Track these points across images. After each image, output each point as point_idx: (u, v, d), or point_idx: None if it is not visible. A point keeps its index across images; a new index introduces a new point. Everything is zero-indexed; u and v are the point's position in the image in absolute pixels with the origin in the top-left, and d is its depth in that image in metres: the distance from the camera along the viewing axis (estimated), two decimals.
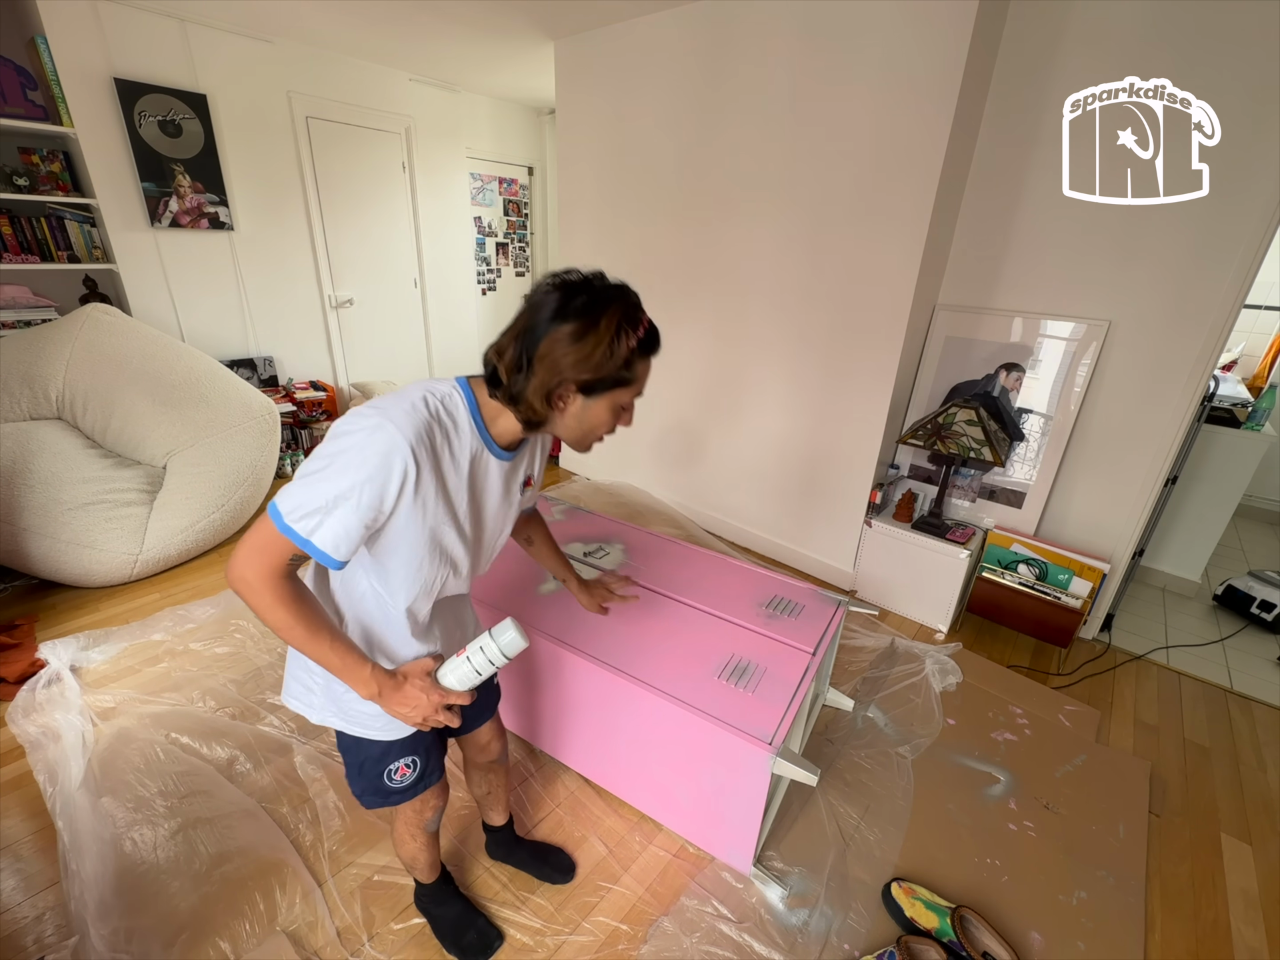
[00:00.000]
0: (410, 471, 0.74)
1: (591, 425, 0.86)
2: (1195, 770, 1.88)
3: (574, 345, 0.76)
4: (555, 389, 0.79)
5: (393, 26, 3.09)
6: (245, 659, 2.14)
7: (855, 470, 2.63)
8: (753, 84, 2.46)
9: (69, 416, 2.65)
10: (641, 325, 0.80)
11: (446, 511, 0.83)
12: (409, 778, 1.03)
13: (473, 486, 0.86)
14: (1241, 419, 2.73)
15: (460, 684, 0.88)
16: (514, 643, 0.87)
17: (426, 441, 0.76)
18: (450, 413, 0.81)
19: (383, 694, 0.84)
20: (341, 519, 0.72)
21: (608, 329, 0.77)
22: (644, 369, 0.84)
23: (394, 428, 0.72)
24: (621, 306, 0.78)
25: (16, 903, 1.34)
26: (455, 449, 0.82)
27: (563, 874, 1.45)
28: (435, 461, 0.78)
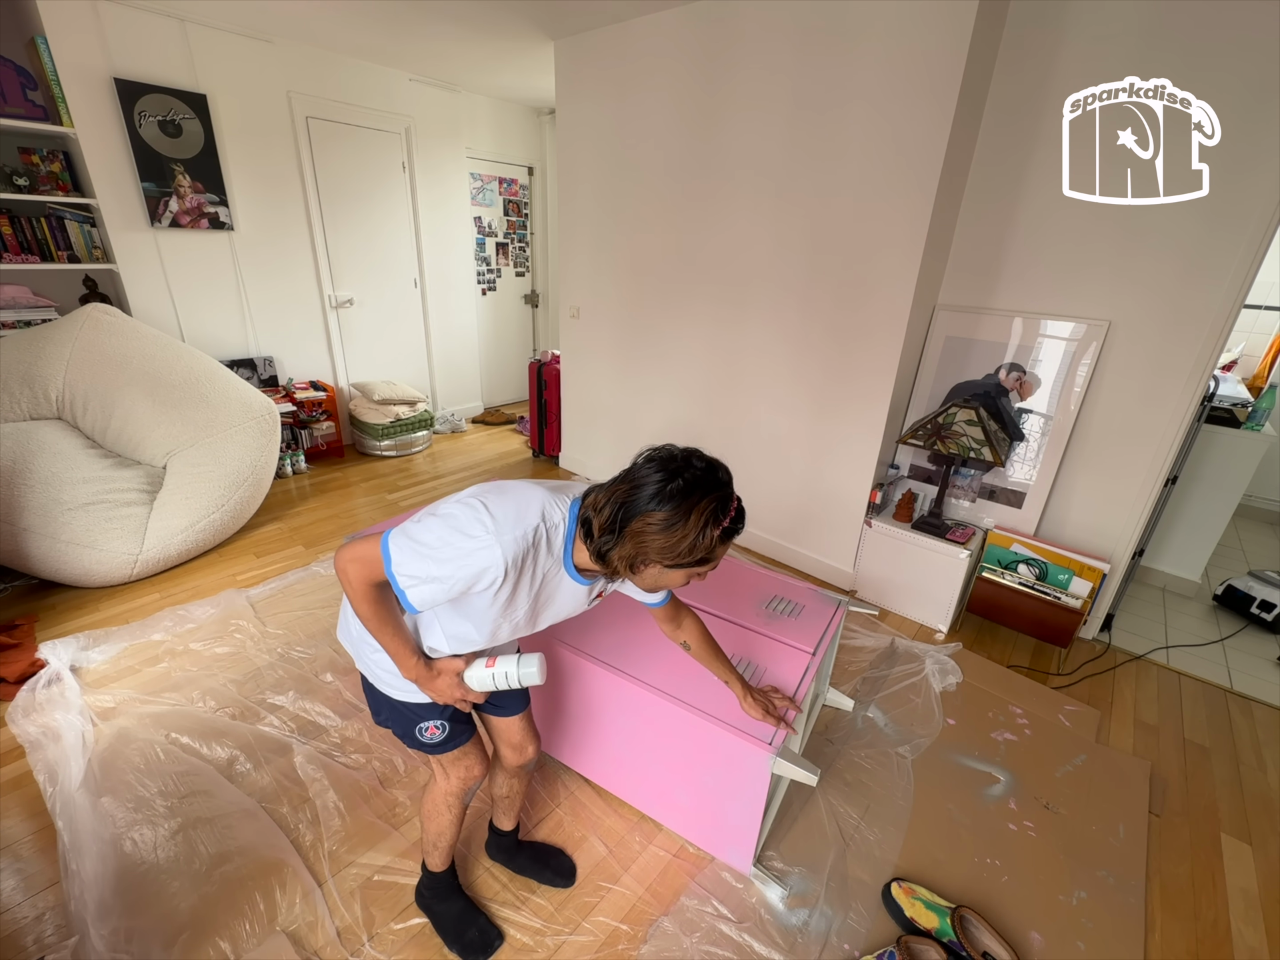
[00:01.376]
0: (497, 584, 0.87)
1: (664, 585, 0.97)
2: (1195, 770, 1.88)
3: (663, 533, 0.84)
4: (639, 561, 0.89)
5: (393, 26, 3.09)
6: (245, 659, 2.14)
7: (855, 470, 2.63)
8: (752, 83, 2.46)
9: (69, 416, 2.65)
10: (729, 515, 0.86)
11: (510, 604, 0.95)
12: (439, 736, 1.12)
13: (539, 591, 0.97)
14: (1241, 419, 2.73)
15: (479, 687, 1.03)
16: (531, 677, 1.01)
17: (519, 564, 0.88)
18: (550, 544, 0.92)
19: (419, 680, 1.00)
20: (431, 591, 0.87)
21: (697, 523, 0.83)
22: (724, 550, 0.90)
23: (500, 552, 0.85)
24: (715, 499, 0.85)
25: (16, 903, 1.34)
26: (540, 567, 0.93)
27: (563, 878, 1.45)
28: (519, 576, 0.90)
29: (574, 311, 3.65)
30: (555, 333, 5.34)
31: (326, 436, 4.00)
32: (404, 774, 1.72)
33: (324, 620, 2.36)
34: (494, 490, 0.93)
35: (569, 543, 0.94)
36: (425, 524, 0.88)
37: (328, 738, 1.82)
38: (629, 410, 3.53)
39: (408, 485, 3.73)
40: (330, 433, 4.01)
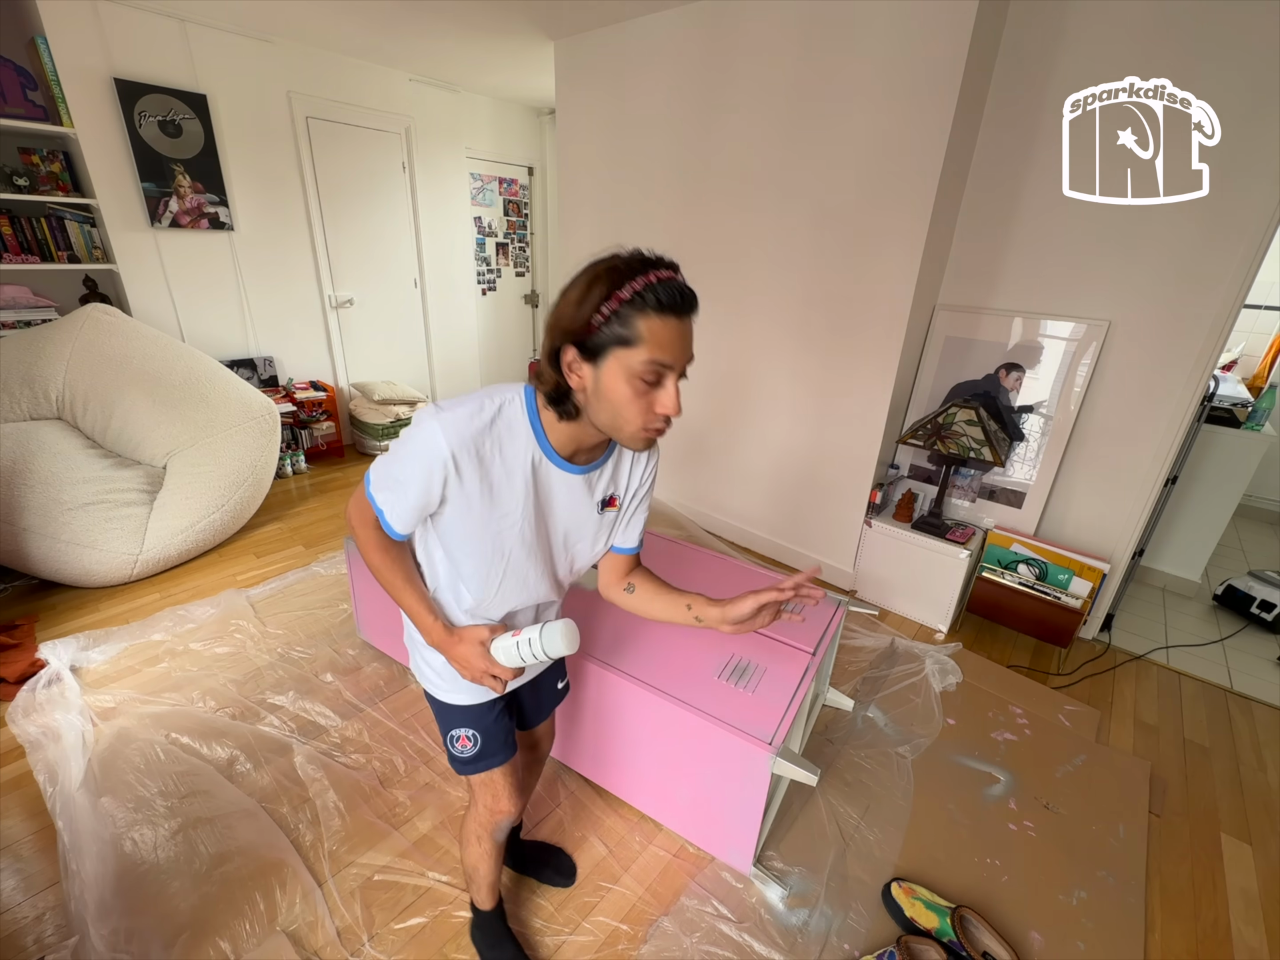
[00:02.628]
0: (450, 473, 0.78)
1: (613, 401, 0.76)
2: (1195, 770, 1.88)
3: (564, 299, 0.76)
4: (559, 352, 0.77)
5: (393, 26, 3.09)
6: (245, 659, 2.14)
7: (855, 470, 2.63)
8: (752, 84, 2.46)
9: (69, 416, 2.65)
10: (644, 278, 0.71)
11: (498, 513, 0.84)
12: (469, 750, 1.05)
13: (536, 494, 0.86)
14: (1241, 419, 2.73)
15: (505, 659, 0.89)
16: (555, 645, 0.86)
17: (471, 447, 0.78)
18: (507, 420, 0.81)
19: (441, 645, 0.91)
20: (399, 500, 0.82)
21: (599, 277, 0.73)
22: (651, 326, 0.72)
23: (440, 431, 0.76)
24: (628, 261, 0.73)
25: (16, 903, 1.34)
26: (508, 454, 0.82)
27: (564, 877, 1.45)
28: (481, 466, 0.80)
29: None
30: None
31: (326, 436, 4.00)
32: (404, 774, 1.72)
33: (324, 620, 2.36)
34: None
35: (534, 421, 0.83)
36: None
37: (328, 738, 1.82)
38: None
39: None
40: (330, 433, 4.01)
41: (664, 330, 0.73)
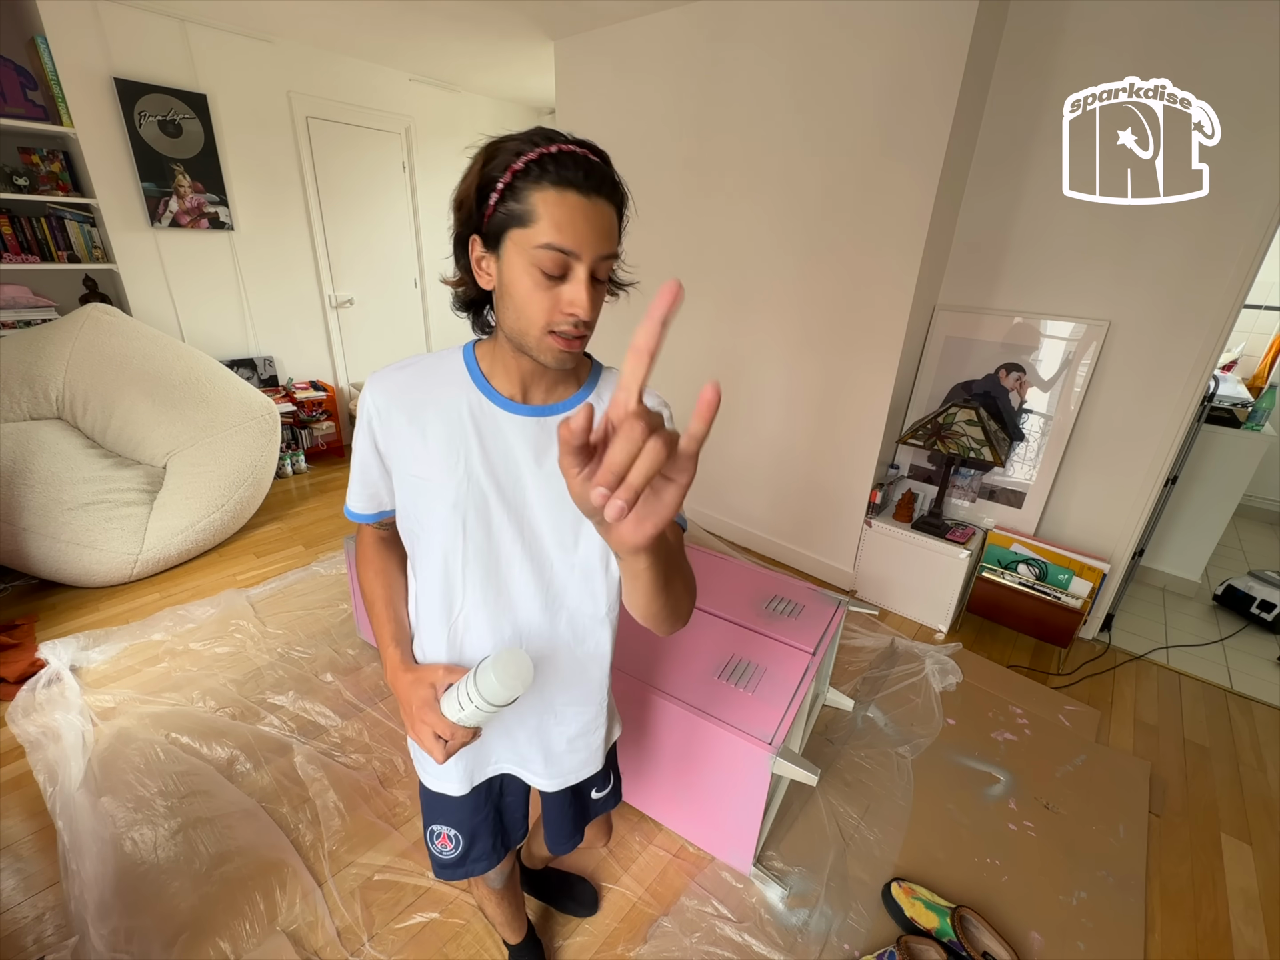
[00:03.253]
0: (378, 427, 0.74)
1: (514, 297, 0.65)
2: (1195, 770, 1.88)
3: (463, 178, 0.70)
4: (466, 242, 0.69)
5: (393, 26, 3.09)
6: (245, 659, 2.14)
7: (855, 470, 2.63)
8: (752, 84, 2.46)
9: (69, 416, 2.65)
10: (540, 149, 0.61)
11: (437, 473, 0.73)
12: (450, 852, 0.91)
13: (484, 449, 0.72)
14: (1241, 419, 2.73)
15: (447, 712, 0.69)
16: (493, 690, 0.63)
17: (398, 395, 0.73)
18: (444, 364, 0.75)
19: (391, 681, 0.77)
20: (352, 479, 0.80)
21: (479, 159, 0.66)
22: (546, 201, 0.61)
23: (368, 386, 0.74)
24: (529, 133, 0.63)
25: (16, 903, 1.34)
26: (443, 401, 0.73)
27: (585, 908, 1.39)
28: (411, 418, 0.72)
29: None
30: None
31: (326, 436, 4.00)
32: (404, 774, 1.72)
33: (324, 620, 2.36)
34: None
35: (469, 359, 0.75)
36: None
37: (328, 738, 1.82)
38: None
39: None
40: (330, 433, 4.00)
41: (562, 208, 0.61)
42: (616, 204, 0.66)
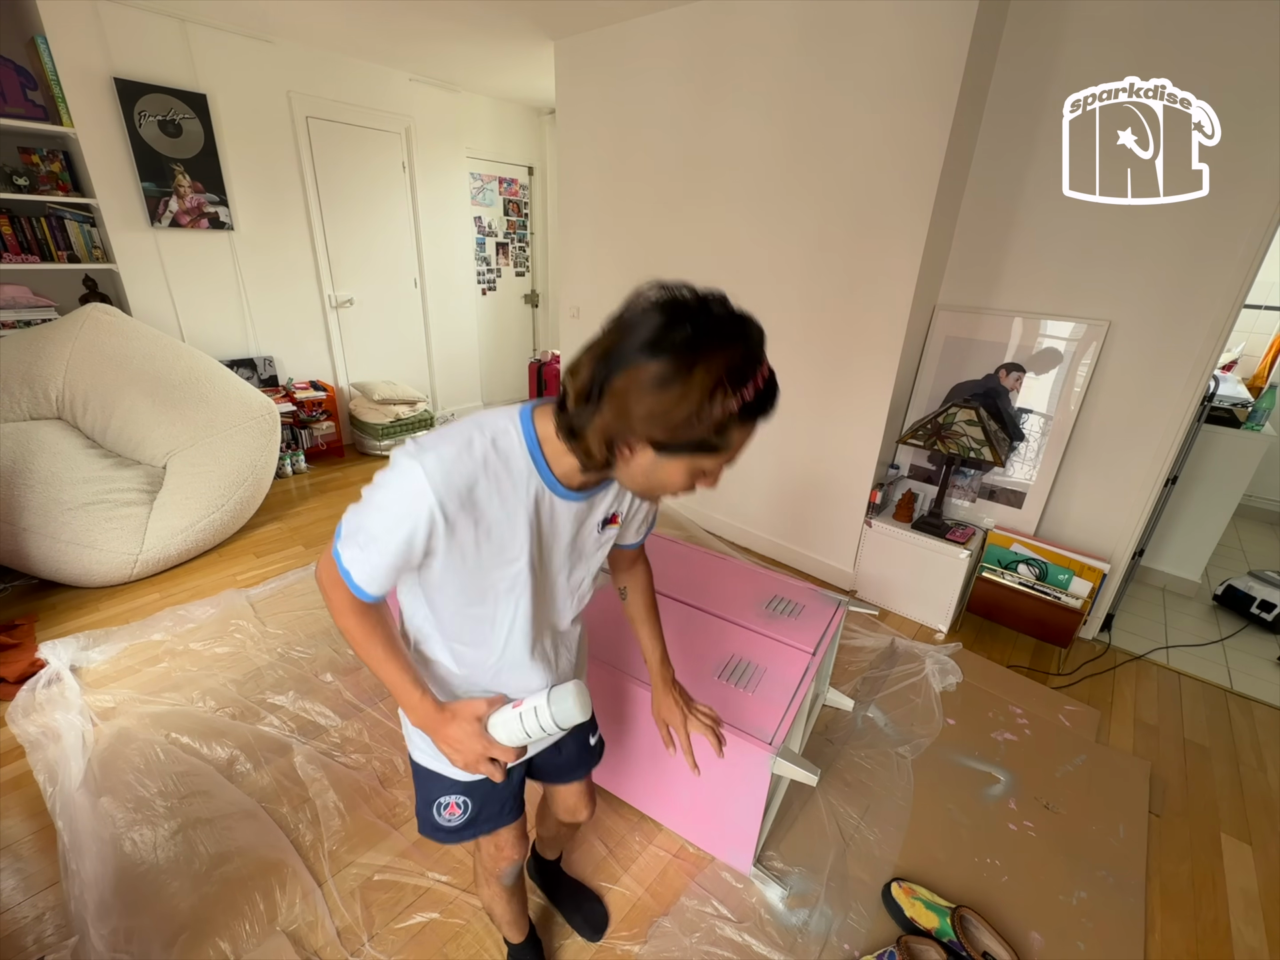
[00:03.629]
0: (438, 524, 0.67)
1: (660, 483, 0.70)
2: (1195, 770, 1.88)
3: (654, 392, 0.60)
4: (620, 437, 0.65)
5: (393, 26, 3.09)
6: (245, 659, 2.14)
7: (855, 470, 2.63)
8: (752, 84, 2.46)
9: (69, 416, 2.65)
10: (753, 384, 0.62)
11: (500, 561, 0.75)
12: (457, 819, 0.92)
13: (539, 530, 0.76)
14: (1241, 419, 2.73)
15: (506, 736, 0.76)
16: (568, 714, 0.73)
17: (463, 492, 0.68)
18: (503, 455, 0.70)
19: (427, 726, 0.78)
20: (372, 557, 0.70)
21: (703, 383, 0.59)
22: (743, 436, 0.65)
23: (424, 477, 0.65)
24: (733, 355, 0.61)
25: (16, 903, 1.34)
26: (507, 494, 0.71)
27: (592, 930, 1.35)
28: (476, 511, 0.70)
29: (574, 311, 3.65)
30: (555, 333, 5.34)
31: (326, 436, 4.00)
32: (404, 774, 1.72)
33: (324, 620, 2.36)
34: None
35: (535, 452, 0.72)
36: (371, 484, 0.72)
37: (328, 738, 1.82)
38: None
39: None
40: (330, 433, 4.01)
41: (748, 435, 0.66)
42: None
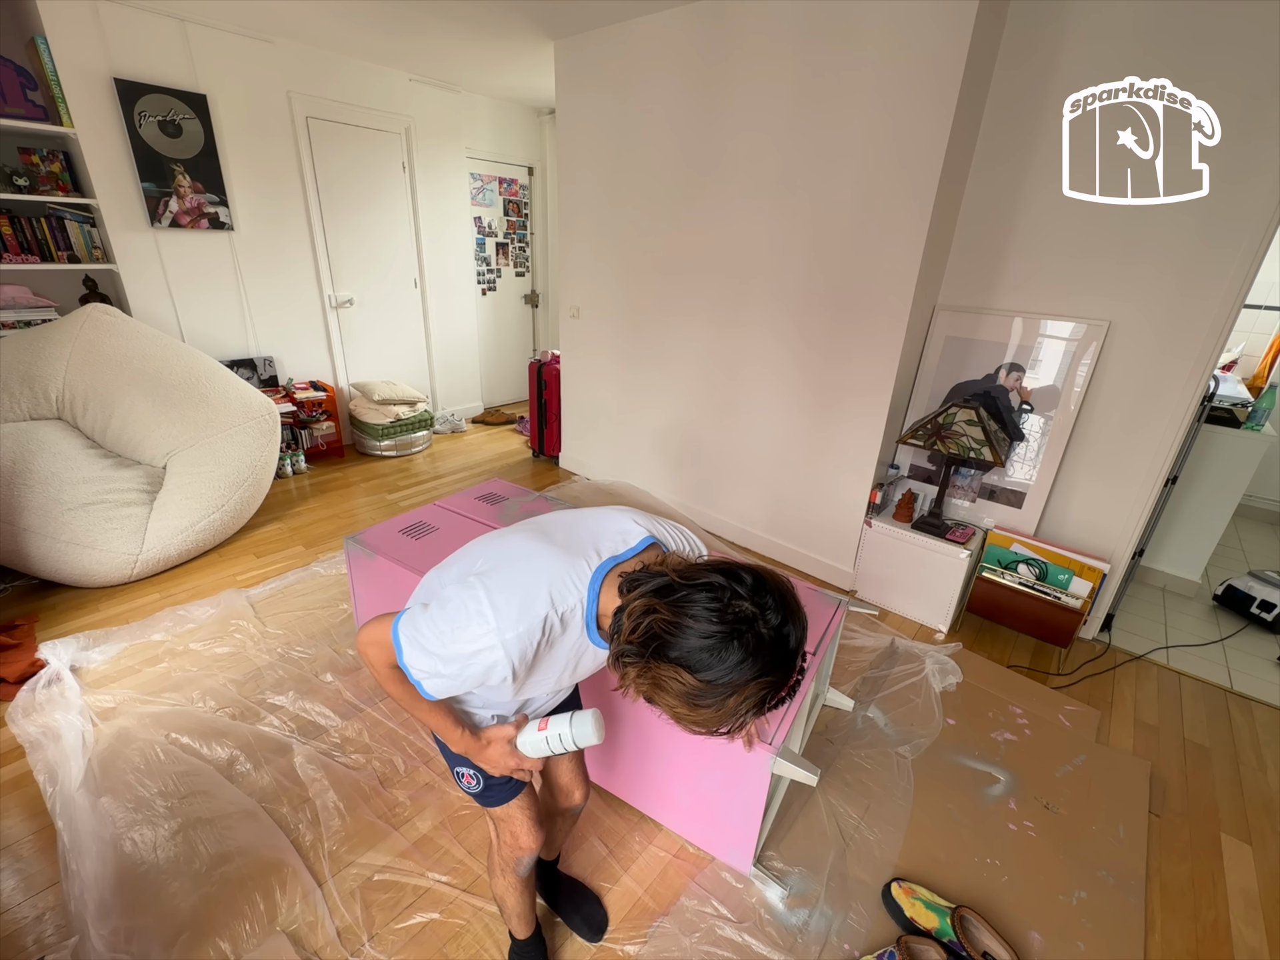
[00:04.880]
0: (508, 680, 0.79)
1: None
2: (1195, 770, 1.88)
3: (687, 700, 0.68)
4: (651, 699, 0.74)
5: (393, 26, 3.09)
6: (245, 659, 2.13)
7: (855, 470, 2.63)
8: (752, 84, 2.46)
9: (69, 416, 2.65)
10: (779, 697, 0.69)
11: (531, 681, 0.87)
12: (474, 787, 1.05)
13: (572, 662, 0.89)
14: (1241, 419, 2.73)
15: (534, 753, 0.93)
16: (587, 737, 0.91)
17: (528, 659, 0.79)
18: (567, 628, 0.81)
19: (469, 752, 0.95)
20: (444, 684, 0.81)
21: (735, 710, 0.67)
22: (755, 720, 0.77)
23: (504, 653, 0.75)
24: (771, 686, 0.67)
25: (16, 903, 1.34)
26: (559, 650, 0.84)
27: (592, 931, 1.35)
28: (535, 664, 0.82)
29: (574, 311, 3.65)
30: (555, 333, 5.34)
31: (326, 436, 4.00)
32: (404, 774, 1.72)
33: (324, 620, 2.36)
34: (497, 564, 0.82)
35: (591, 622, 0.82)
36: (430, 615, 0.79)
37: (328, 738, 1.82)
38: (629, 410, 3.53)
39: (408, 485, 3.73)
40: (330, 433, 4.00)
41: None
42: None
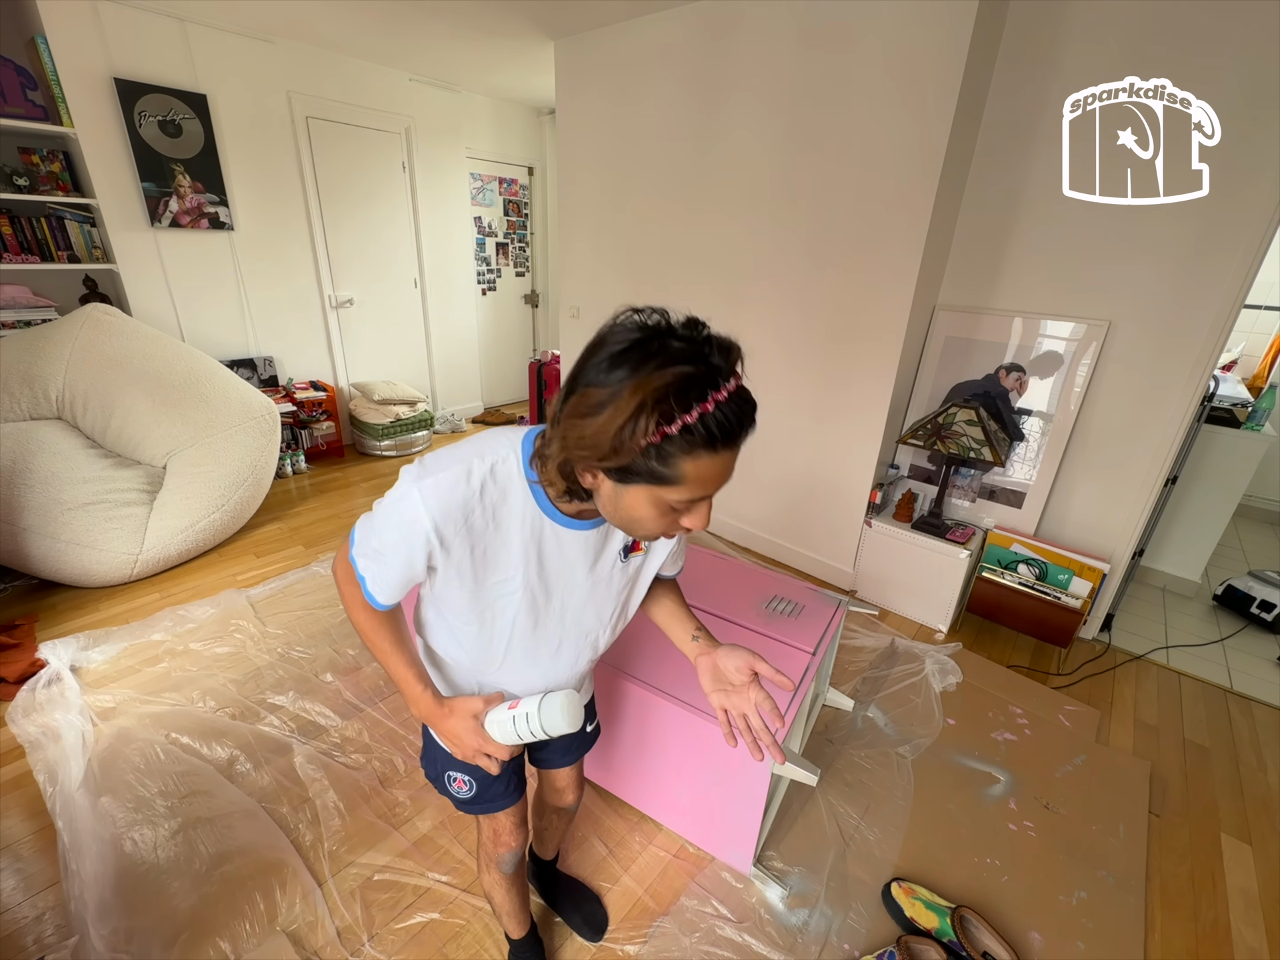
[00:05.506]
0: (435, 547, 0.70)
1: (629, 517, 0.66)
2: (1195, 770, 1.88)
3: (588, 418, 0.58)
4: (571, 466, 0.64)
5: (393, 26, 3.09)
6: (245, 659, 2.13)
7: (855, 470, 2.63)
8: (752, 84, 2.46)
9: (69, 416, 2.65)
10: (699, 408, 0.57)
11: (492, 581, 0.76)
12: (465, 793, 0.98)
13: (541, 559, 0.76)
14: (1241, 419, 2.72)
15: (500, 734, 0.80)
16: (556, 725, 0.76)
17: (458, 517, 0.69)
18: (501, 484, 0.71)
19: (428, 717, 0.83)
20: (381, 570, 0.74)
21: (629, 404, 0.56)
22: (697, 468, 0.59)
23: (421, 502, 0.67)
24: (676, 378, 0.56)
25: (16, 903, 1.34)
26: (503, 521, 0.72)
27: (592, 930, 1.34)
28: (471, 536, 0.71)
29: (574, 311, 3.65)
30: (555, 333, 5.34)
31: (326, 436, 4.00)
32: (404, 774, 1.72)
33: (324, 620, 2.36)
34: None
35: (531, 475, 0.71)
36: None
37: (328, 738, 1.82)
38: None
39: None
40: (330, 433, 4.01)
41: (712, 467, 0.60)
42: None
